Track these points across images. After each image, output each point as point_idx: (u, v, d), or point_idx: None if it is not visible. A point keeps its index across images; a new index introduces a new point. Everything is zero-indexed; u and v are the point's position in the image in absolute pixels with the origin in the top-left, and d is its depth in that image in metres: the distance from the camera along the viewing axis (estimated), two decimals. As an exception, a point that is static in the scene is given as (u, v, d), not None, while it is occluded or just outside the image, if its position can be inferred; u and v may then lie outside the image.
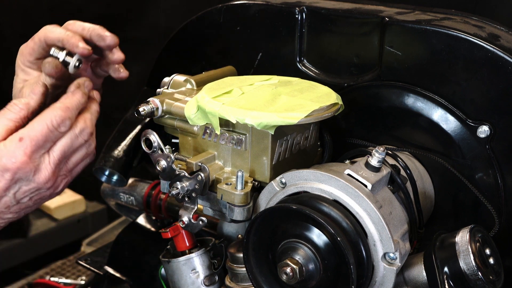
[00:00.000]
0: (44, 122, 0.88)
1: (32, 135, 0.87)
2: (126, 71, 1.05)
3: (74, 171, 0.96)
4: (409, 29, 1.02)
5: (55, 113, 0.89)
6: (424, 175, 1.06)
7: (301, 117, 0.88)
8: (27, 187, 0.88)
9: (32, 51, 1.01)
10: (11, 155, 0.85)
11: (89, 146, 0.96)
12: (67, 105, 0.91)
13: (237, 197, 0.91)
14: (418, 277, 0.89)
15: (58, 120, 0.89)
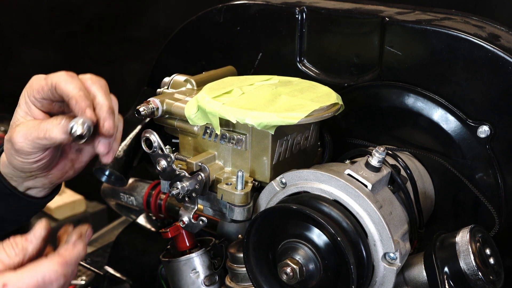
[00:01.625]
0: (36, 275, 0.78)
1: (18, 286, 0.77)
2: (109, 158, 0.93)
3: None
4: (409, 29, 1.02)
5: (51, 268, 0.79)
6: (424, 175, 1.06)
7: (301, 117, 0.88)
8: None
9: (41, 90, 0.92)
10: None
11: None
12: (66, 259, 0.81)
13: (237, 197, 0.91)
14: (418, 277, 0.89)
15: (52, 277, 0.79)
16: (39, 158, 0.92)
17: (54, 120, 0.88)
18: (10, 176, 1.00)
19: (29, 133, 0.88)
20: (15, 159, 0.92)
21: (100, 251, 1.54)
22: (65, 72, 0.90)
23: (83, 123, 0.85)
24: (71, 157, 1.00)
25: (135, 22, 2.41)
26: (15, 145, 0.89)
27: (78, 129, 0.84)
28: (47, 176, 0.99)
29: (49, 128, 0.88)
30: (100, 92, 0.90)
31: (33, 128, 0.88)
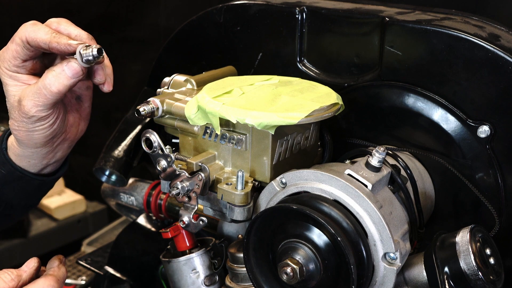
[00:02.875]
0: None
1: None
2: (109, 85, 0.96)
3: None
4: (409, 29, 1.02)
5: (48, 283, 0.86)
6: (424, 175, 1.06)
7: (302, 117, 0.88)
8: None
9: (16, 54, 0.92)
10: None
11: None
12: (57, 277, 0.88)
13: (238, 197, 0.91)
14: (418, 277, 0.90)
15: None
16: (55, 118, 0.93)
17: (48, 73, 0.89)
18: (28, 160, 1.00)
19: (36, 99, 0.89)
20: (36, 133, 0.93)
21: (100, 251, 1.54)
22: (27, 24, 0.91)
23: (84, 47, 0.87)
24: (75, 108, 1.01)
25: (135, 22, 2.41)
26: (32, 118, 0.90)
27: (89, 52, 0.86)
28: (66, 138, 1.00)
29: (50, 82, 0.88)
30: (71, 26, 0.92)
31: (36, 94, 0.89)
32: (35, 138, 0.94)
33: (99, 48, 0.87)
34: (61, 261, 0.93)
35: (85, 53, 0.87)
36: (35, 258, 0.91)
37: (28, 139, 0.95)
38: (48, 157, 1.01)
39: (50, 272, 0.89)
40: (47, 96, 0.89)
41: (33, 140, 0.95)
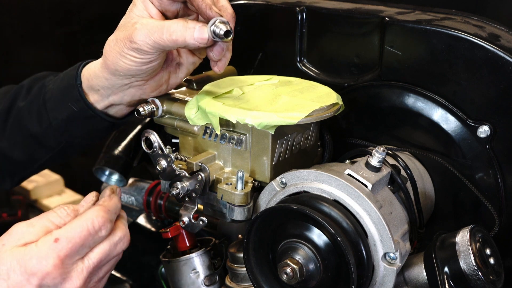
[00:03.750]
0: (84, 223, 0.79)
1: (70, 237, 0.77)
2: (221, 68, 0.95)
3: (101, 282, 0.86)
4: (409, 29, 1.02)
5: (97, 213, 0.80)
6: (424, 175, 1.06)
7: (301, 117, 0.88)
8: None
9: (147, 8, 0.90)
10: (41, 258, 0.75)
11: (119, 257, 0.88)
12: (107, 207, 0.82)
13: (237, 197, 0.91)
14: (418, 277, 0.89)
15: (100, 222, 0.79)
16: (153, 59, 0.91)
17: (180, 22, 0.86)
18: (97, 88, 0.98)
19: (152, 32, 0.87)
20: (126, 59, 0.90)
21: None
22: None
23: (221, 21, 0.85)
24: (170, 69, 1.00)
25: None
26: (134, 44, 0.88)
27: (222, 28, 0.85)
28: (141, 87, 0.98)
29: (176, 30, 0.86)
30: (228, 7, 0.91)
31: (156, 28, 0.87)
32: (120, 63, 0.92)
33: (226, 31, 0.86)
34: (113, 191, 0.87)
35: (220, 26, 0.85)
36: (94, 192, 0.87)
37: (113, 62, 0.92)
38: (117, 94, 0.98)
39: (99, 203, 0.84)
40: (162, 37, 0.86)
41: (117, 65, 0.92)
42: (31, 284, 0.75)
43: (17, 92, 1.12)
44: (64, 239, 0.76)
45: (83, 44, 2.41)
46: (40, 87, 1.08)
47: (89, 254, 0.80)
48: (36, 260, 0.75)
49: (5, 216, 2.10)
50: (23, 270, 0.75)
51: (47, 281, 0.75)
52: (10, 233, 0.79)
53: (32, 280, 0.75)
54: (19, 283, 0.75)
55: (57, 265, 0.75)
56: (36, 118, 1.06)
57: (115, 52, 0.91)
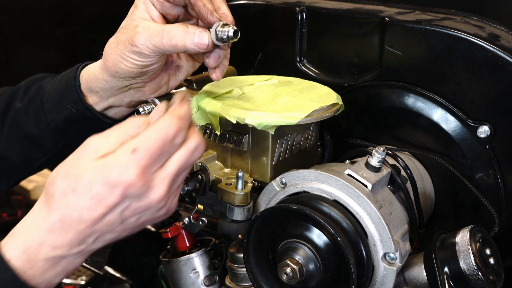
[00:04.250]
0: (159, 132, 0.76)
1: (147, 146, 0.75)
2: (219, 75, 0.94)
3: (178, 190, 0.82)
4: (409, 29, 1.02)
5: (170, 122, 0.77)
6: (424, 175, 1.06)
7: (301, 117, 0.88)
8: (137, 204, 0.76)
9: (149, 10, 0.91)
10: (123, 168, 0.73)
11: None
12: (179, 115, 0.79)
13: (237, 197, 0.91)
14: (418, 277, 0.89)
15: (174, 131, 0.77)
16: (153, 62, 0.91)
17: (180, 27, 0.87)
18: (96, 90, 0.99)
19: (153, 36, 0.88)
20: (126, 61, 0.91)
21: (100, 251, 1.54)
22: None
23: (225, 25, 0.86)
24: (169, 71, 1.00)
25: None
26: (135, 47, 0.89)
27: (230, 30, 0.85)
28: (141, 89, 0.98)
29: (176, 34, 0.87)
30: (224, 4, 0.91)
31: (156, 32, 0.88)
32: (121, 66, 0.92)
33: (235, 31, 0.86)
34: (183, 98, 0.82)
35: (225, 29, 0.86)
36: (164, 103, 0.83)
37: (114, 64, 0.92)
38: (117, 96, 0.99)
39: (170, 111, 0.80)
40: (162, 41, 0.87)
41: (118, 67, 0.93)
42: (114, 195, 0.74)
43: (14, 93, 1.11)
44: (141, 149, 0.74)
45: (83, 44, 2.41)
46: (37, 88, 1.07)
47: (168, 162, 0.77)
48: (118, 171, 0.73)
49: (5, 216, 2.10)
50: (105, 181, 0.73)
51: (131, 190, 0.74)
52: (85, 147, 0.76)
53: (115, 191, 0.73)
54: (101, 194, 0.73)
55: (139, 175, 0.73)
56: (33, 119, 1.05)
57: (116, 54, 0.92)
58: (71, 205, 0.74)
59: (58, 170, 0.76)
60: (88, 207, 0.74)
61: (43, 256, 0.75)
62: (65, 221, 0.74)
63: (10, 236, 0.78)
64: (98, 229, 0.76)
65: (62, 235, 0.75)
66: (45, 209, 0.76)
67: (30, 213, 0.78)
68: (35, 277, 0.76)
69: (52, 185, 0.75)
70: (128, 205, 0.75)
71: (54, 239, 0.75)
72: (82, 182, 0.73)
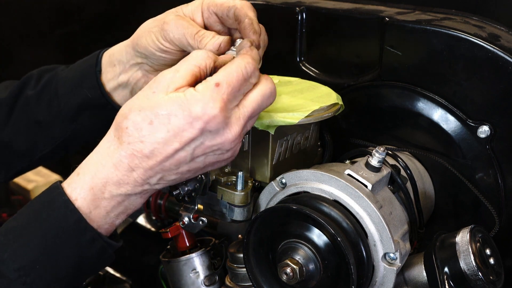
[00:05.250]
0: (238, 67, 0.75)
1: (230, 81, 0.74)
2: None
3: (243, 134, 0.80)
4: (409, 29, 1.02)
5: (248, 60, 0.76)
6: (424, 175, 1.06)
7: (302, 117, 0.88)
8: (211, 142, 0.74)
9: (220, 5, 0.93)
10: (207, 102, 0.72)
11: None
12: (251, 56, 0.78)
13: (237, 197, 0.91)
14: (418, 277, 0.89)
15: (251, 68, 0.76)
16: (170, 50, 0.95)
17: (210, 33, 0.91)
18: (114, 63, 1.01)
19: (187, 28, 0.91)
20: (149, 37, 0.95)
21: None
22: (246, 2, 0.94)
23: None
24: None
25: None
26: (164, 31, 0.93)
27: None
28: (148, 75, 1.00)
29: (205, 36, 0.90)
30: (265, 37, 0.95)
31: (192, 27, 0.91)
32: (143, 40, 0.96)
33: None
34: (252, 43, 0.83)
35: None
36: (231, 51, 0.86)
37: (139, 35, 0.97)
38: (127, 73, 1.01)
39: (243, 52, 0.80)
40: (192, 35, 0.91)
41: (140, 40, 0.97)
42: (194, 128, 0.72)
43: (25, 81, 1.11)
44: (225, 83, 0.73)
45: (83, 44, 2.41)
46: (51, 76, 1.08)
47: (243, 102, 0.77)
48: (202, 104, 0.72)
49: (5, 216, 2.10)
50: (186, 114, 0.72)
51: (211, 125, 0.73)
52: (157, 81, 0.75)
53: (196, 124, 0.72)
54: (181, 127, 0.72)
55: (222, 109, 0.72)
56: (45, 105, 1.05)
57: (146, 28, 0.95)
58: (144, 139, 0.73)
59: (130, 104, 0.75)
60: (163, 141, 0.72)
61: (108, 194, 0.75)
62: (135, 156, 0.73)
63: (76, 174, 0.77)
64: (166, 167, 0.75)
65: (128, 171, 0.74)
66: (115, 143, 0.75)
67: (97, 149, 0.77)
68: (99, 218, 0.76)
69: (124, 119, 0.74)
70: (202, 142, 0.74)
71: (121, 176, 0.74)
72: (161, 114, 0.72)
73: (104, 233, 0.77)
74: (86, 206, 0.75)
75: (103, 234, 0.77)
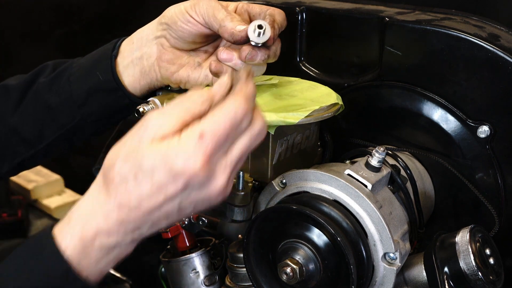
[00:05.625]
0: (228, 115, 0.70)
1: (215, 131, 0.69)
2: None
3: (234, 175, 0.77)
4: (409, 29, 1.02)
5: (238, 103, 0.71)
6: (424, 175, 1.06)
7: (302, 117, 0.88)
8: (197, 195, 0.72)
9: None
10: (188, 156, 0.68)
11: None
12: (245, 94, 0.73)
13: (237, 197, 0.91)
14: (418, 277, 0.89)
15: (242, 113, 0.71)
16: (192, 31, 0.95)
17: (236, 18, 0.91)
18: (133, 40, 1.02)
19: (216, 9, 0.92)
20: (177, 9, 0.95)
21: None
22: None
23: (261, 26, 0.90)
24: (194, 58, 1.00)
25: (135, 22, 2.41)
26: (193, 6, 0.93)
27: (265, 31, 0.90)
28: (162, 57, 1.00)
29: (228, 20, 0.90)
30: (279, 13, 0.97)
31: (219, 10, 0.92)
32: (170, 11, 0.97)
33: None
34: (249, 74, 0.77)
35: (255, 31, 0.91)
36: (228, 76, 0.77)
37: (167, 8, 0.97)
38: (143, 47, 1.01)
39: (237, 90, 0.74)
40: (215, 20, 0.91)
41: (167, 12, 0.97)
42: (177, 184, 0.70)
43: (40, 69, 1.11)
44: (209, 135, 0.69)
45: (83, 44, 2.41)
46: (67, 64, 1.08)
47: (231, 149, 0.72)
48: (183, 160, 0.68)
49: (5, 216, 2.10)
50: (167, 170, 0.69)
51: (194, 180, 0.69)
52: (145, 127, 0.72)
53: (178, 180, 0.69)
54: (163, 183, 0.70)
55: (204, 164, 0.69)
56: (56, 91, 1.05)
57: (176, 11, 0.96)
58: (130, 192, 0.71)
59: (116, 151, 0.73)
60: (148, 195, 0.71)
61: (98, 244, 0.73)
62: (123, 208, 0.72)
63: (66, 223, 0.75)
64: (154, 218, 0.73)
65: (118, 222, 0.73)
66: (103, 193, 0.73)
67: (86, 197, 0.75)
68: (88, 267, 0.74)
69: (111, 169, 0.72)
70: (188, 194, 0.71)
71: (110, 226, 0.73)
72: (144, 168, 0.70)
73: (94, 281, 0.76)
74: (76, 255, 0.73)
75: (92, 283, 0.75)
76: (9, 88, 1.10)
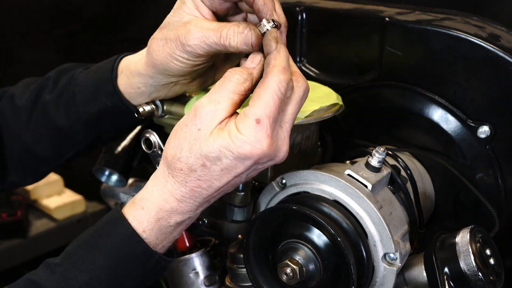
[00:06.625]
0: (273, 93, 0.75)
1: (268, 113, 0.74)
2: None
3: None
4: (409, 29, 1.02)
5: (279, 78, 0.75)
6: (424, 176, 1.06)
7: (302, 117, 0.88)
8: (264, 165, 0.79)
9: None
10: (254, 143, 0.74)
11: None
12: (283, 65, 0.76)
13: (238, 197, 0.91)
14: (418, 277, 0.89)
15: (284, 86, 0.75)
16: (205, 61, 0.88)
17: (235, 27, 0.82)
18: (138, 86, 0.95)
19: (207, 36, 0.83)
20: (177, 60, 0.87)
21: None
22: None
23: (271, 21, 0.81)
24: (217, 65, 0.96)
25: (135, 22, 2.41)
26: (188, 47, 0.84)
27: None
28: (188, 84, 0.95)
29: (231, 35, 0.82)
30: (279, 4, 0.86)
31: (212, 32, 0.82)
32: (171, 65, 0.88)
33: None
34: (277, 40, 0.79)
35: None
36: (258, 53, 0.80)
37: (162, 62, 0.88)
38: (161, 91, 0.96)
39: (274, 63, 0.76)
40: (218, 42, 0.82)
41: (167, 66, 0.89)
42: (246, 165, 0.76)
43: (42, 84, 1.07)
44: (264, 118, 0.74)
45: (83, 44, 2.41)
46: (68, 79, 1.04)
47: (283, 119, 0.78)
48: (250, 146, 0.74)
49: (4, 216, 2.10)
50: (236, 156, 0.75)
51: (262, 159, 0.76)
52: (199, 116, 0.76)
53: (247, 162, 0.76)
54: (233, 165, 0.76)
55: (270, 144, 0.75)
56: (64, 111, 1.02)
57: (165, 53, 0.87)
58: (200, 177, 0.78)
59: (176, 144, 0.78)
60: (218, 177, 0.77)
61: (173, 223, 0.81)
62: (195, 190, 0.79)
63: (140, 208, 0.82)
64: (224, 191, 0.80)
65: (191, 202, 0.80)
66: (172, 182, 0.80)
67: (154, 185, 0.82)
68: (162, 242, 0.83)
69: (177, 161, 0.78)
70: (256, 168, 0.78)
71: (184, 206, 0.80)
72: (211, 157, 0.75)
73: (164, 252, 0.84)
74: (153, 236, 0.81)
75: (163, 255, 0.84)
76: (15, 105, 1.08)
